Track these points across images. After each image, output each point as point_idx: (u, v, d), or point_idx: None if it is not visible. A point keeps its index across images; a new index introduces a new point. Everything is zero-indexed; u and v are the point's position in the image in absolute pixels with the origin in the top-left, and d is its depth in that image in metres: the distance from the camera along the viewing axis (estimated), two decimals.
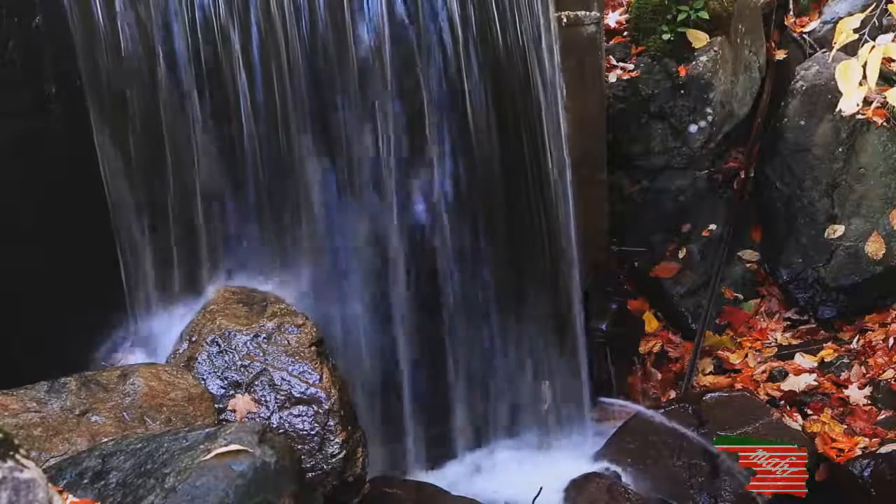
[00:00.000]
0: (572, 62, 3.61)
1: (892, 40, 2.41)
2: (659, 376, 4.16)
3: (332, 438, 2.44)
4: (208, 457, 1.78)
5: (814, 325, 4.26)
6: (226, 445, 1.81)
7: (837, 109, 3.36)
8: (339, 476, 2.43)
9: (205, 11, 2.71)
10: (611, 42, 4.37)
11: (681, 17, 4.24)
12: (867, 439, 3.46)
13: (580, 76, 3.74)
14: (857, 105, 2.47)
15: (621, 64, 4.36)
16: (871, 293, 4.14)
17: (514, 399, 3.53)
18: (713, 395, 3.64)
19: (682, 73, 4.28)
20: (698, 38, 4.28)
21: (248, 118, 2.83)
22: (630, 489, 3.17)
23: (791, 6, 4.74)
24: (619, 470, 3.31)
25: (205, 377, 2.51)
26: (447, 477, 3.26)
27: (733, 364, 4.12)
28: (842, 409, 3.75)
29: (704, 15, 4.23)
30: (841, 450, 3.44)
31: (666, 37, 4.27)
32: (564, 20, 3.61)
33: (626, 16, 4.44)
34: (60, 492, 1.53)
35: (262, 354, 2.54)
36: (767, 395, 3.85)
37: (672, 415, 3.49)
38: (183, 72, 2.73)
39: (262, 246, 2.96)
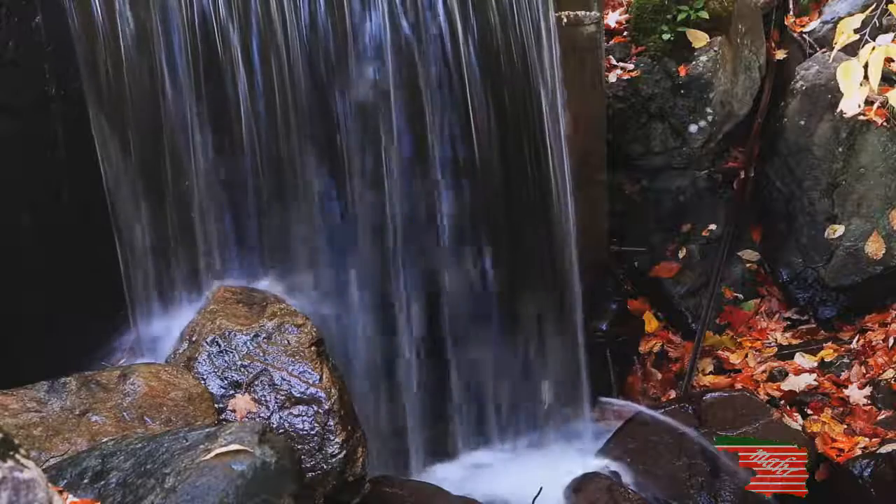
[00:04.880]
0: (572, 62, 3.61)
1: (893, 40, 2.41)
2: (659, 376, 4.16)
3: (332, 438, 2.44)
4: (208, 457, 1.79)
5: (814, 325, 4.26)
6: (226, 445, 1.81)
7: (838, 110, 3.36)
8: (339, 476, 2.43)
9: (205, 11, 2.71)
10: (611, 42, 4.37)
11: (681, 17, 4.24)
12: (867, 439, 3.46)
13: (580, 76, 3.74)
14: (859, 106, 2.47)
15: (621, 64, 4.36)
16: (871, 293, 4.13)
17: (514, 399, 3.53)
18: (713, 395, 3.64)
19: (682, 73, 4.27)
20: (698, 38, 4.28)
21: (247, 118, 2.83)
22: (630, 489, 3.17)
23: (791, 6, 4.74)
24: (619, 470, 3.30)
25: (205, 377, 2.51)
26: (447, 477, 3.26)
27: (733, 364, 4.12)
28: (842, 409, 3.74)
29: (704, 15, 4.23)
30: (841, 450, 3.44)
31: (666, 37, 4.27)
32: (564, 20, 3.60)
33: (626, 16, 4.44)
34: (60, 492, 1.53)
35: (262, 354, 2.54)
36: (767, 395, 3.85)
37: (672, 415, 3.49)
38: (182, 72, 2.73)
39: (263, 246, 2.96)
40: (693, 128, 4.35)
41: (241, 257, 2.93)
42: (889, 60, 3.60)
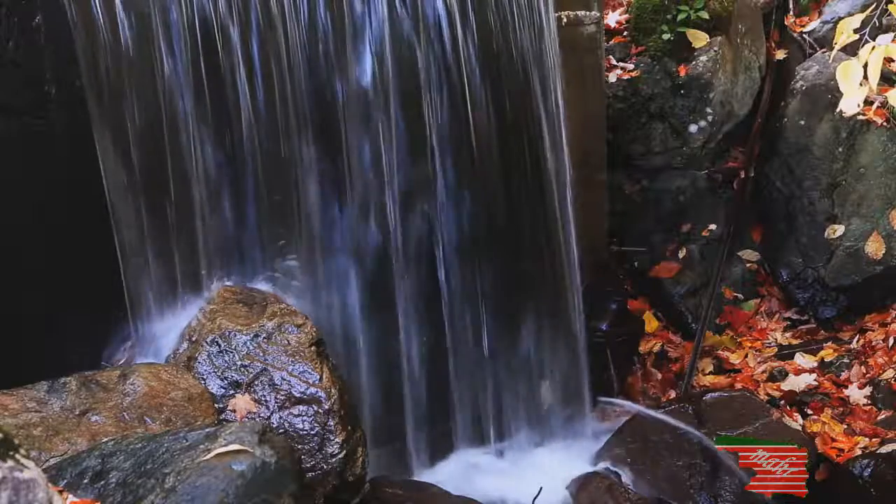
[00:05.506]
0: (572, 62, 3.61)
1: (893, 40, 2.41)
2: (659, 376, 4.16)
3: (332, 438, 2.44)
4: (208, 457, 1.79)
5: (814, 325, 4.26)
6: (226, 445, 1.81)
7: (838, 110, 3.36)
8: (339, 476, 2.43)
9: (205, 11, 2.71)
10: (611, 42, 4.37)
11: (681, 16, 4.25)
12: (867, 439, 3.46)
13: (580, 76, 3.74)
14: (858, 106, 2.47)
15: (621, 64, 4.36)
16: (871, 293, 4.14)
17: (514, 399, 3.53)
18: (713, 395, 3.64)
19: (682, 72, 4.28)
20: (698, 38, 4.28)
21: (248, 118, 2.83)
22: (630, 489, 3.17)
23: (791, 6, 4.74)
24: (619, 470, 3.31)
25: (205, 377, 2.51)
26: (447, 476, 3.25)
27: (733, 364, 4.12)
28: (842, 408, 3.75)
29: (704, 15, 4.23)
30: (841, 450, 3.44)
31: (666, 37, 4.28)
32: (564, 20, 3.61)
33: (626, 16, 4.44)
34: (60, 492, 1.53)
35: (262, 354, 2.54)
36: (767, 395, 3.85)
37: (672, 415, 3.49)
38: (183, 72, 2.73)
39: (263, 246, 2.96)
40: (693, 128, 4.36)
41: (242, 257, 2.93)
42: (889, 60, 3.61)
